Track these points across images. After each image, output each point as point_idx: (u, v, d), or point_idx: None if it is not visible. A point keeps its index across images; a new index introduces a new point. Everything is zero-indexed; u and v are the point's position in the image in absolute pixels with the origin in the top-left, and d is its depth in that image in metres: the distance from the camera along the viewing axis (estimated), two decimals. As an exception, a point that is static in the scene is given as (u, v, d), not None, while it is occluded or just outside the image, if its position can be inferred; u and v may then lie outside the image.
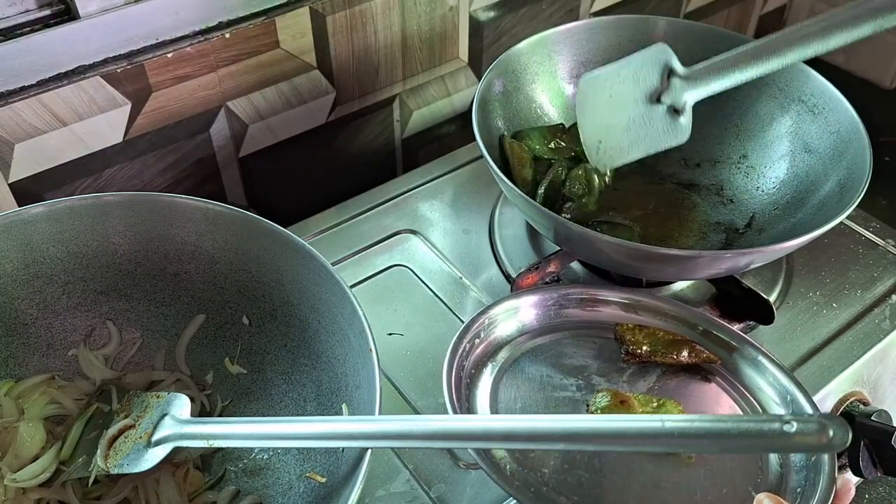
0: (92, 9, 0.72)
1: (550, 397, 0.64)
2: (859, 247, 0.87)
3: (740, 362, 0.67)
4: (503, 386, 0.64)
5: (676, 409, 0.63)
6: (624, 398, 0.63)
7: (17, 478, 0.61)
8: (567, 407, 0.64)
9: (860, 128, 0.77)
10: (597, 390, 0.65)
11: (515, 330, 0.69)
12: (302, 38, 0.84)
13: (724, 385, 0.67)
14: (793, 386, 0.64)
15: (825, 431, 0.45)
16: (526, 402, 0.64)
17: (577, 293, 0.71)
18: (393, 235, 0.86)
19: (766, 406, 0.65)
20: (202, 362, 0.70)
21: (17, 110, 0.70)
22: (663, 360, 0.67)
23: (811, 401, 0.63)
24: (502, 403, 0.63)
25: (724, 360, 0.68)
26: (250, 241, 0.66)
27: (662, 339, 0.68)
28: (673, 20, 0.90)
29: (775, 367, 0.66)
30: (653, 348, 0.67)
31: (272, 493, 0.63)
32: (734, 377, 0.67)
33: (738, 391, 0.66)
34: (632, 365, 0.68)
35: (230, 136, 0.86)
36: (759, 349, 0.67)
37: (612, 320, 0.70)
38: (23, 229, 0.64)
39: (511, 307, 0.69)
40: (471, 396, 0.62)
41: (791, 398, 0.64)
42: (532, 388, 0.65)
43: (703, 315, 0.70)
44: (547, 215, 0.71)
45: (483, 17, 0.99)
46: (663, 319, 0.70)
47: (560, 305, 0.71)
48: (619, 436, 0.49)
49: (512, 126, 0.85)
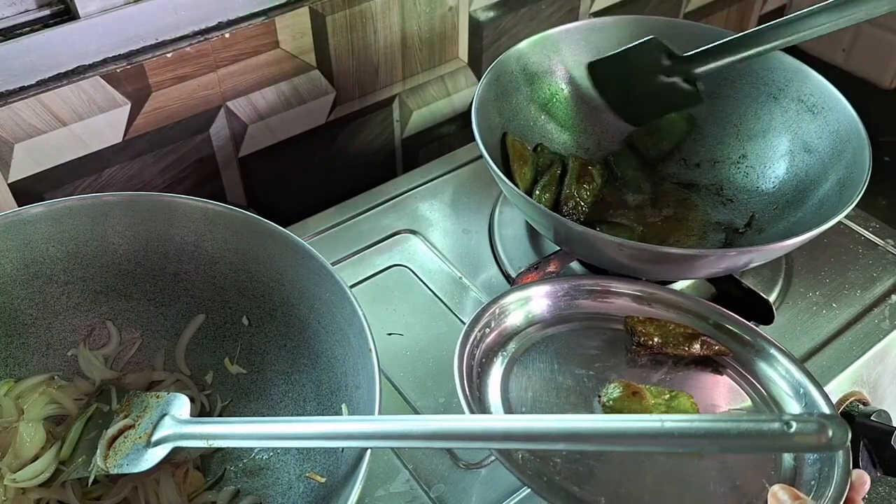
0: (92, 9, 0.72)
1: (562, 387, 0.64)
2: (859, 247, 0.87)
3: (752, 355, 0.67)
4: (514, 376, 0.64)
5: (689, 401, 0.63)
6: (636, 389, 0.63)
7: (17, 478, 0.61)
8: (579, 397, 0.64)
9: (860, 127, 0.77)
10: (608, 381, 0.65)
11: (526, 320, 0.69)
12: (302, 38, 0.84)
13: (736, 377, 0.67)
14: (805, 379, 0.64)
15: (825, 431, 0.45)
16: (537, 392, 0.64)
17: (589, 284, 0.71)
18: (393, 235, 0.86)
19: (778, 399, 0.65)
20: (202, 362, 0.70)
21: (16, 110, 0.70)
22: (675, 351, 0.67)
23: (824, 393, 0.63)
24: (513, 392, 0.63)
25: (736, 353, 0.68)
26: (250, 241, 0.66)
27: (673, 331, 0.68)
28: (673, 20, 0.90)
29: (788, 360, 0.66)
30: (664, 340, 0.67)
31: (272, 493, 0.63)
32: (746, 370, 0.67)
33: (750, 384, 0.66)
34: (643, 357, 0.68)
35: (230, 136, 0.86)
36: (771, 342, 0.67)
37: (622, 312, 0.70)
38: (22, 229, 0.64)
39: (522, 297, 0.69)
40: (482, 385, 0.62)
41: (804, 391, 0.64)
42: (543, 378, 0.65)
43: (714, 308, 0.70)
44: (547, 215, 0.71)
45: (483, 17, 0.99)
46: (675, 312, 0.70)
47: (571, 296, 0.71)
48: (619, 436, 0.49)
49: (512, 126, 0.85)
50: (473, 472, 0.67)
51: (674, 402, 0.63)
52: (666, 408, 0.62)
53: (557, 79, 0.89)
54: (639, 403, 0.62)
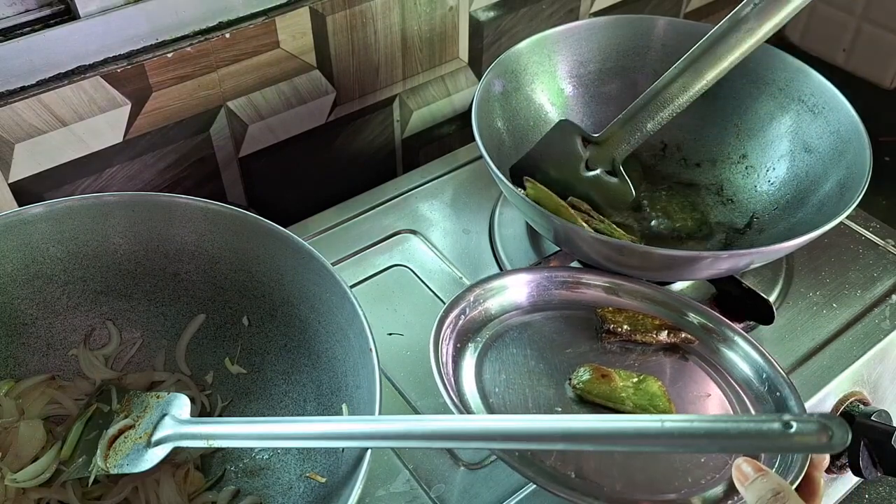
0: (92, 9, 0.72)
1: (534, 371, 0.66)
2: (859, 247, 0.87)
3: (717, 342, 0.70)
4: (488, 360, 0.66)
5: (656, 384, 0.65)
6: (605, 372, 0.65)
7: (18, 478, 0.61)
8: (550, 380, 0.66)
9: (860, 128, 0.77)
10: (579, 365, 0.66)
11: (501, 307, 0.70)
12: (302, 38, 0.84)
13: (702, 364, 0.69)
14: (766, 363, 0.67)
15: (825, 431, 0.45)
16: (510, 376, 0.65)
17: (562, 276, 0.73)
18: (393, 235, 0.86)
19: (742, 383, 0.67)
20: (202, 362, 0.70)
21: (17, 110, 0.70)
22: (643, 339, 0.69)
23: (785, 376, 0.65)
24: (487, 375, 0.64)
25: (702, 340, 0.70)
26: (250, 241, 0.66)
27: (642, 320, 0.71)
28: (673, 20, 0.90)
29: (750, 346, 0.68)
30: (633, 328, 0.70)
31: (272, 493, 0.63)
32: (712, 356, 0.70)
33: (716, 369, 0.69)
34: (613, 344, 0.70)
35: (230, 136, 0.86)
36: (735, 330, 0.70)
37: (595, 303, 0.73)
38: (23, 229, 0.64)
39: (498, 286, 0.70)
40: (457, 369, 0.64)
41: (766, 375, 0.66)
42: (516, 363, 0.66)
43: (681, 297, 0.73)
44: (546, 216, 0.71)
45: (483, 17, 0.99)
46: (643, 302, 0.73)
47: (545, 287, 0.73)
48: (618, 436, 0.49)
49: (512, 126, 0.85)
50: (473, 472, 0.67)
51: (642, 385, 0.65)
52: (634, 390, 0.64)
53: (558, 79, 0.89)
54: (608, 385, 0.64)
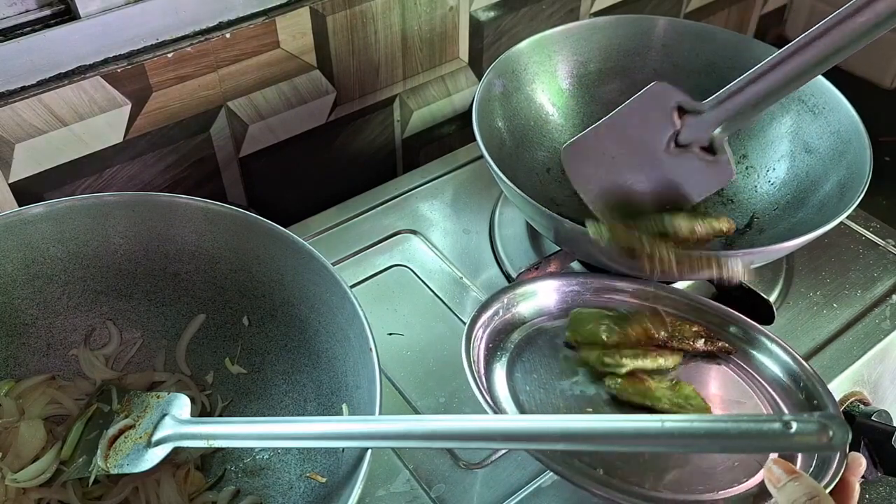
0: (92, 9, 0.72)
1: (566, 371, 0.66)
2: (859, 247, 0.87)
3: (754, 351, 0.69)
4: (521, 361, 0.66)
5: (690, 388, 0.64)
6: (640, 376, 0.65)
7: (18, 478, 0.61)
8: (584, 379, 0.66)
9: (860, 128, 0.77)
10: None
11: (534, 311, 0.71)
12: (302, 38, 0.84)
13: (739, 373, 0.68)
14: (807, 373, 0.65)
15: (825, 431, 0.45)
16: (542, 376, 0.65)
17: (597, 283, 0.73)
18: (393, 235, 0.86)
19: (779, 392, 0.66)
20: (202, 362, 0.70)
21: (17, 110, 0.70)
22: (680, 345, 0.69)
23: (825, 387, 0.64)
24: (518, 374, 0.64)
25: (740, 349, 0.69)
26: (250, 241, 0.66)
27: (679, 327, 0.70)
28: (673, 20, 0.90)
29: (788, 356, 0.67)
30: (670, 334, 0.69)
31: (272, 493, 0.63)
32: (749, 365, 0.69)
33: (753, 378, 0.68)
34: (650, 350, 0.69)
35: (230, 135, 0.86)
36: (773, 339, 0.68)
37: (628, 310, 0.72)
38: (23, 229, 0.64)
39: (530, 290, 0.71)
40: (488, 368, 0.64)
41: (804, 384, 0.65)
42: (549, 364, 0.66)
43: (714, 305, 0.72)
44: (547, 215, 0.71)
45: (483, 17, 0.99)
46: (680, 311, 0.72)
47: (577, 293, 0.73)
48: (619, 436, 0.49)
49: (512, 125, 0.85)
50: (473, 472, 0.67)
51: (676, 390, 0.64)
52: (670, 392, 0.64)
53: (558, 79, 0.89)
54: (643, 385, 0.64)
